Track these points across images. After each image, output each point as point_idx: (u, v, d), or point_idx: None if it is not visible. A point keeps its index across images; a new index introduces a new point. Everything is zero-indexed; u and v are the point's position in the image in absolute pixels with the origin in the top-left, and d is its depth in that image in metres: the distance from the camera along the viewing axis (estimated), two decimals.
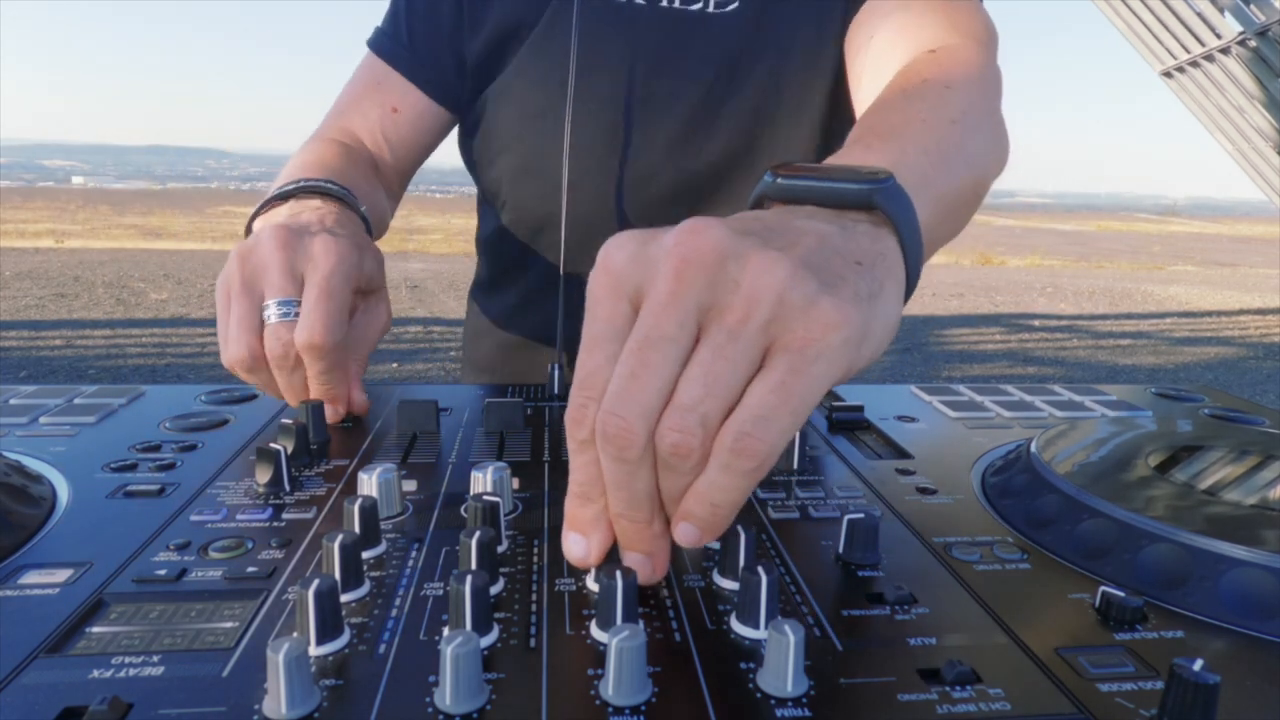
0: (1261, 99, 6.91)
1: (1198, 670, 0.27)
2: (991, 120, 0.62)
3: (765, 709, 0.29)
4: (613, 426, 0.32)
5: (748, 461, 0.31)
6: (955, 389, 0.69)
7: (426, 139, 0.89)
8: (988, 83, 0.65)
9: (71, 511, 0.43)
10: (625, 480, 0.33)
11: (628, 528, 0.34)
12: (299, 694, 0.27)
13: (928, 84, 0.61)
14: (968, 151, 0.55)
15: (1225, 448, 0.51)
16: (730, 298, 0.32)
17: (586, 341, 0.34)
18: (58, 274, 7.46)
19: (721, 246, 0.32)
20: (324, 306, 0.54)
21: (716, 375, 0.31)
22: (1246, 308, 7.97)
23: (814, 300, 0.31)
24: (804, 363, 0.31)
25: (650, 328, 0.32)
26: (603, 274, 0.34)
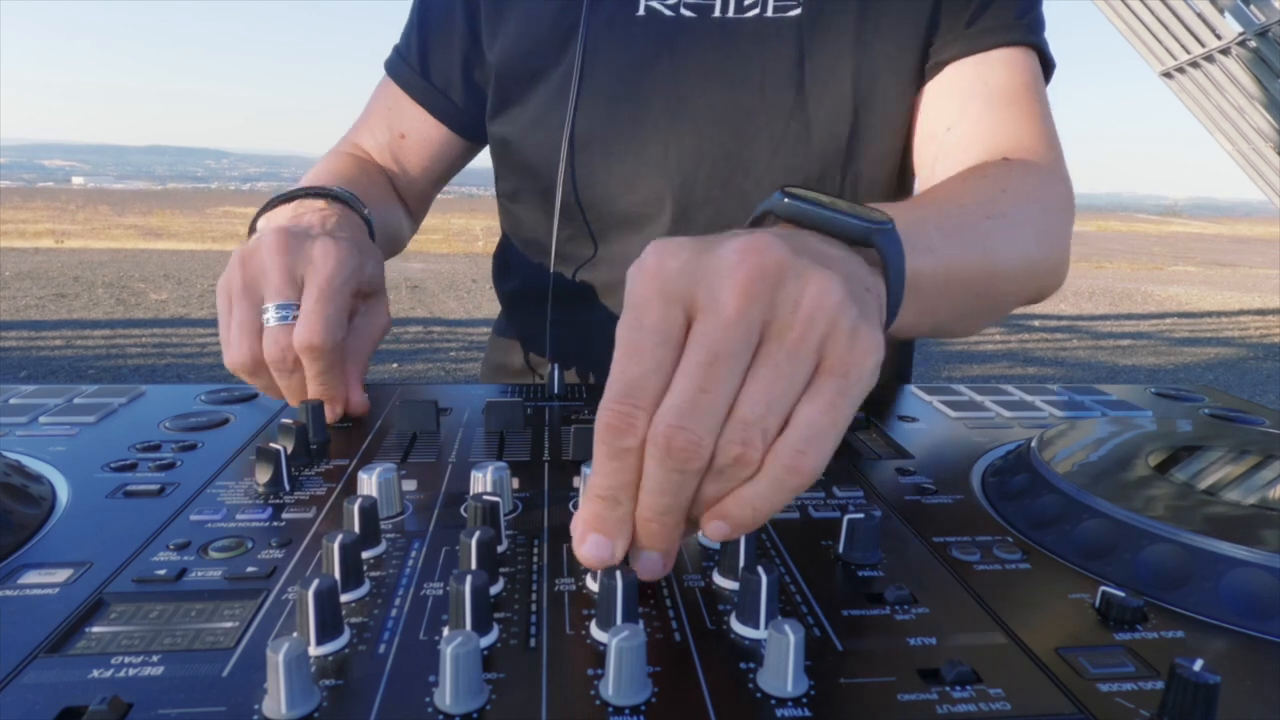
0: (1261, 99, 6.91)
1: (1198, 670, 0.27)
2: (1037, 232, 0.62)
3: (765, 709, 0.29)
4: (681, 440, 0.32)
5: (799, 479, 0.33)
6: (955, 389, 0.69)
7: (439, 166, 0.89)
8: (1053, 200, 0.66)
9: (71, 511, 0.43)
10: (675, 489, 0.33)
11: (657, 530, 0.34)
12: (299, 694, 0.27)
13: (986, 180, 0.63)
14: (992, 245, 0.56)
15: (1225, 448, 0.51)
16: (790, 316, 0.33)
17: (629, 346, 0.33)
18: (58, 274, 7.46)
19: (785, 264, 0.33)
20: (322, 309, 0.54)
21: (779, 393, 0.32)
22: (1246, 308, 7.97)
23: (857, 325, 0.33)
24: (849, 385, 0.33)
25: (719, 342, 0.32)
26: (654, 279, 0.33)
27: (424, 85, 0.85)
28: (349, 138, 0.89)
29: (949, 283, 0.51)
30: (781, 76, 0.76)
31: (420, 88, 0.85)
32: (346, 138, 0.89)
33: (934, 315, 0.54)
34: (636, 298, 0.34)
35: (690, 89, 0.77)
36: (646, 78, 0.77)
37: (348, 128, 0.91)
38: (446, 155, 0.88)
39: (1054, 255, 0.65)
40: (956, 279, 0.52)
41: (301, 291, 0.55)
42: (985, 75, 0.73)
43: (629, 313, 0.34)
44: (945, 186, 0.63)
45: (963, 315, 0.58)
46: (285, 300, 0.55)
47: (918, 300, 0.46)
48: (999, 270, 0.57)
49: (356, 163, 0.84)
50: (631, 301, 0.34)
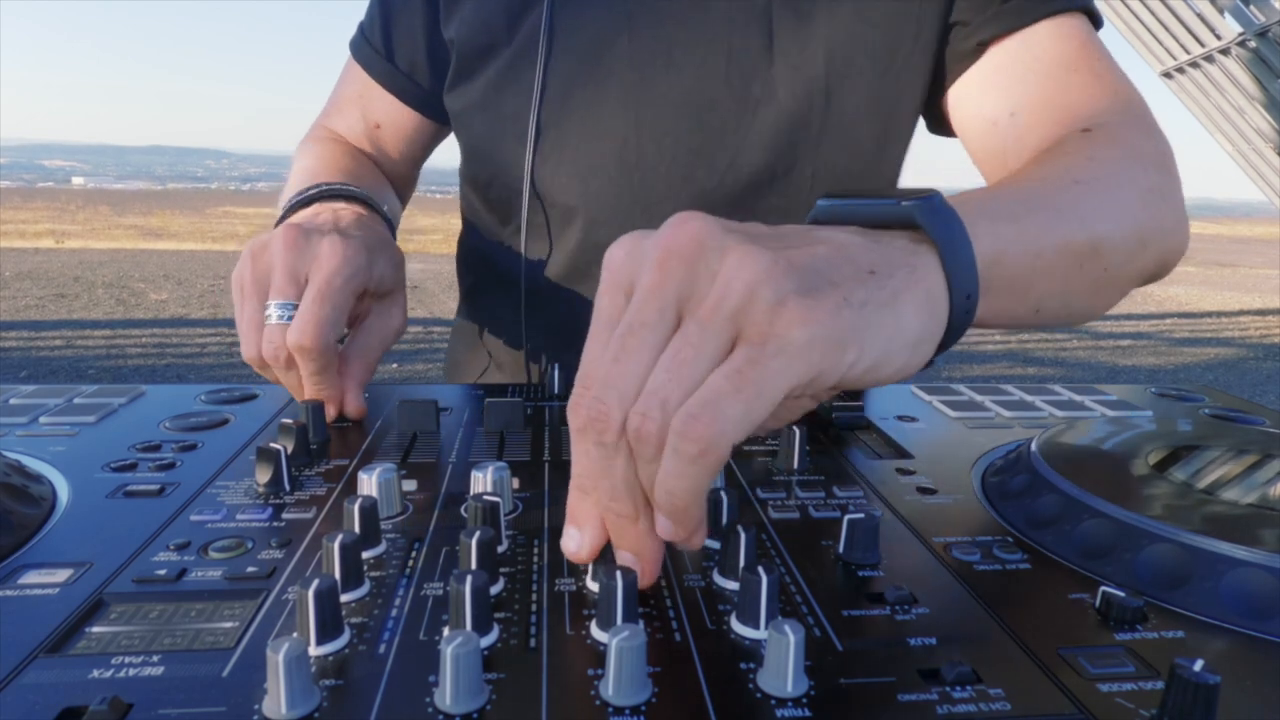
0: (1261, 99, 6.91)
1: (1198, 670, 0.27)
2: (1142, 195, 0.54)
3: (765, 709, 0.29)
4: (594, 410, 0.32)
5: (691, 445, 0.31)
6: (955, 389, 0.69)
7: (417, 148, 0.87)
8: (1149, 159, 0.58)
9: (71, 511, 0.43)
10: (606, 467, 0.33)
11: (614, 522, 0.35)
12: (299, 694, 0.27)
13: (1067, 154, 0.56)
14: (1084, 211, 0.49)
15: (1225, 448, 0.51)
16: (706, 288, 0.33)
17: (590, 335, 0.35)
18: (58, 274, 7.46)
19: (702, 238, 0.33)
20: (316, 309, 0.54)
21: (681, 361, 0.32)
22: (1246, 308, 7.97)
23: (784, 298, 0.32)
24: (763, 355, 0.31)
25: (633, 315, 0.33)
26: (605, 269, 0.35)
27: (390, 69, 0.81)
28: (323, 123, 0.86)
29: (1041, 255, 0.45)
30: (749, 62, 0.71)
31: (386, 72, 0.81)
32: (321, 123, 0.86)
33: (1033, 296, 0.46)
34: (599, 291, 0.35)
35: (652, 73, 0.71)
36: (604, 60, 0.72)
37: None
38: (422, 138, 0.87)
39: (1166, 217, 0.56)
40: (1049, 250, 0.45)
41: (302, 290, 0.55)
42: (1035, 49, 0.66)
43: (595, 306, 0.35)
44: (1024, 167, 0.56)
45: (1070, 294, 0.49)
46: (286, 299, 0.55)
47: (1006, 279, 0.43)
48: (1102, 238, 0.49)
49: (349, 152, 0.82)
50: (597, 296, 0.35)
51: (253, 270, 0.56)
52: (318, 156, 0.79)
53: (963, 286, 0.37)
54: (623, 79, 0.72)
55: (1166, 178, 0.58)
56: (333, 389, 0.57)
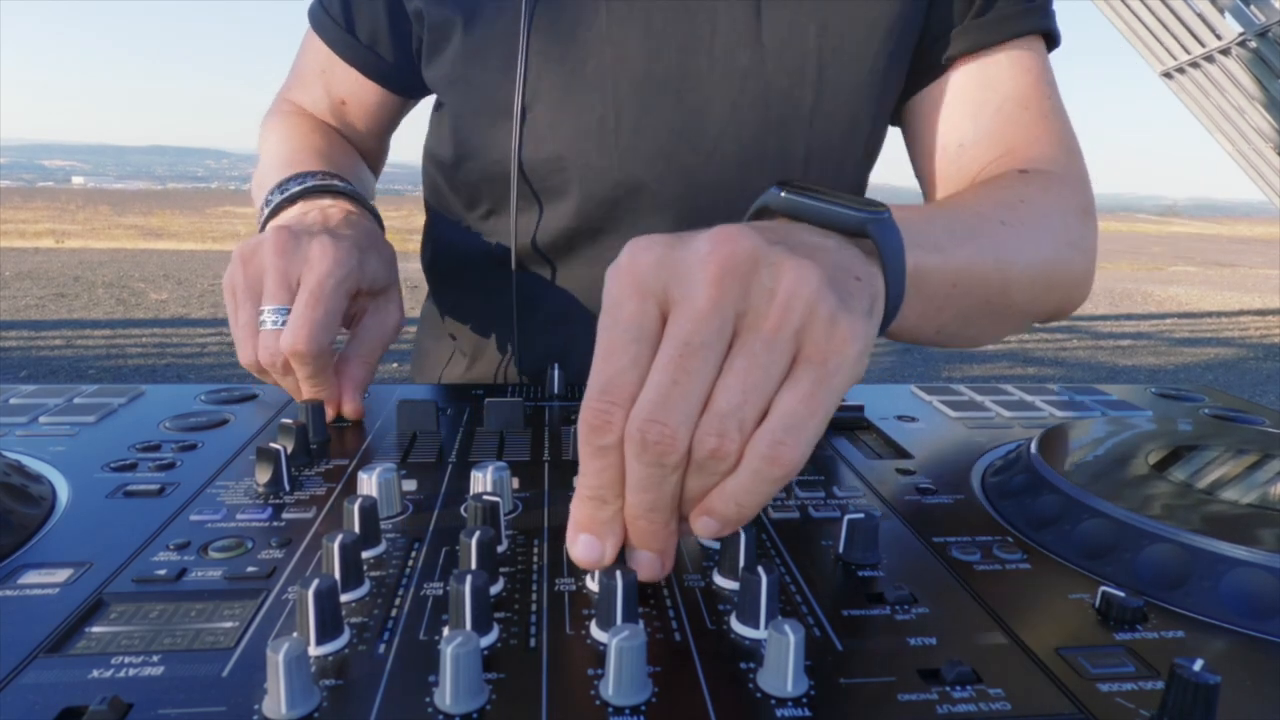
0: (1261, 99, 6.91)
1: (1198, 670, 0.27)
2: (1056, 242, 0.59)
3: (765, 709, 0.29)
4: (655, 434, 0.32)
5: (780, 469, 0.32)
6: (955, 389, 0.69)
7: (384, 122, 0.85)
8: (1069, 207, 0.62)
9: (71, 511, 0.43)
10: (656, 484, 0.33)
11: (645, 528, 0.34)
12: (299, 694, 0.27)
13: (1003, 190, 0.60)
14: (1004, 252, 0.53)
15: (1225, 448, 0.51)
16: (765, 305, 0.32)
17: (606, 344, 0.33)
18: (58, 274, 7.46)
19: (757, 254, 0.33)
20: (309, 314, 0.54)
21: (754, 383, 0.32)
22: (1246, 308, 7.97)
23: (836, 313, 0.33)
24: (828, 374, 0.32)
25: (691, 333, 0.32)
26: (628, 275, 0.33)
27: (350, 42, 0.77)
28: (287, 96, 0.83)
29: (956, 284, 0.49)
30: (735, 34, 0.67)
31: (347, 45, 0.78)
32: (284, 95, 0.83)
33: (940, 319, 0.51)
34: (612, 296, 0.34)
35: (630, 46, 0.68)
36: (579, 33, 0.68)
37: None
38: (388, 112, 0.84)
39: (1076, 265, 0.61)
40: (965, 281, 0.50)
41: (295, 294, 0.55)
42: (994, 80, 0.69)
43: (605, 312, 0.34)
44: (960, 194, 0.61)
45: (970, 321, 0.55)
46: (279, 304, 0.55)
47: (922, 300, 0.46)
48: (1012, 277, 0.54)
49: (319, 130, 0.79)
50: (608, 301, 0.34)
51: (244, 275, 0.56)
52: (288, 138, 0.76)
53: (895, 301, 0.39)
54: (600, 53, 0.68)
55: (1084, 231, 0.63)
56: (330, 391, 0.57)
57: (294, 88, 0.84)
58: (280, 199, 0.66)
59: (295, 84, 0.84)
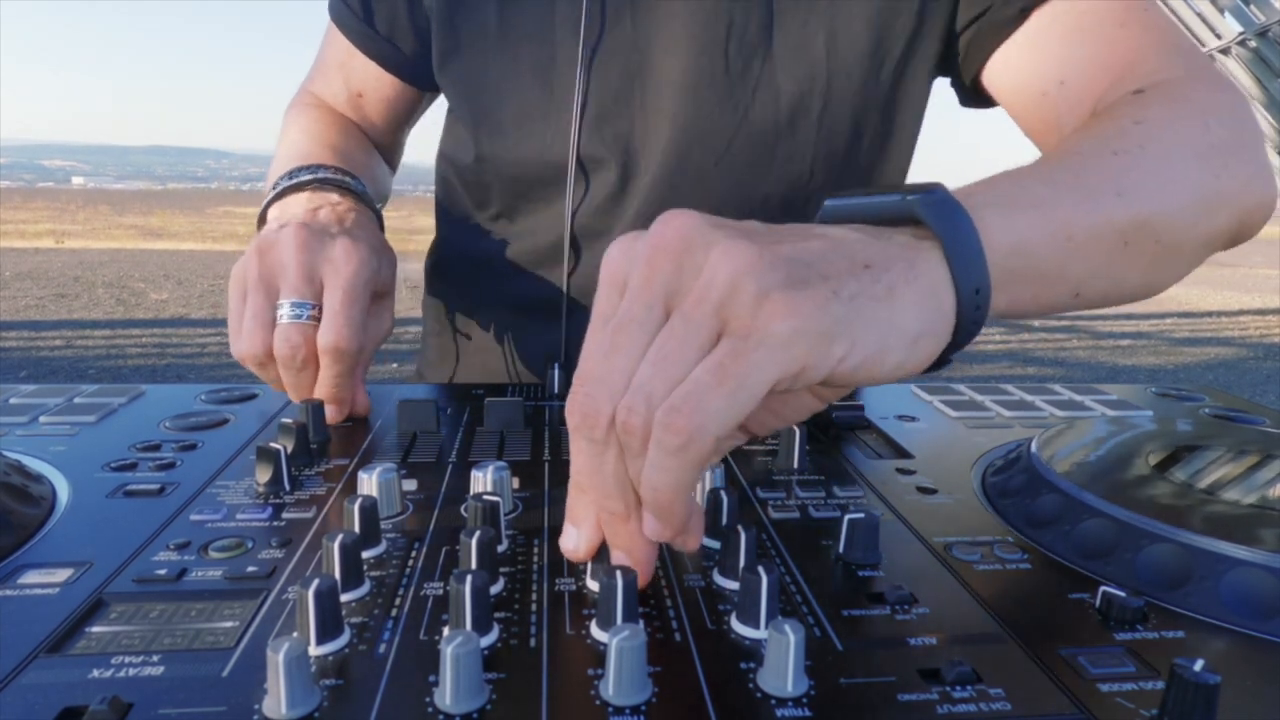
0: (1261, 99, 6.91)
1: (1198, 670, 0.27)
2: (1201, 155, 0.50)
3: (765, 709, 0.29)
4: (585, 406, 0.33)
5: (673, 437, 0.31)
6: (955, 389, 0.69)
7: (402, 115, 0.85)
8: (1211, 112, 0.53)
9: (71, 511, 0.43)
10: (596, 463, 0.34)
11: (607, 520, 0.35)
12: (299, 694, 0.27)
13: (1113, 119, 0.52)
14: (1123, 184, 0.46)
15: (1225, 447, 0.51)
16: (691, 282, 0.33)
17: (588, 333, 0.35)
18: (58, 274, 7.46)
19: (689, 234, 0.33)
20: (347, 311, 0.55)
21: (665, 355, 0.32)
22: (1246, 308, 7.97)
23: (767, 290, 0.31)
24: (745, 347, 0.31)
25: (622, 312, 0.33)
26: (605, 266, 0.35)
27: (368, 33, 0.78)
28: (309, 88, 0.84)
29: (1072, 239, 0.42)
30: (749, 37, 0.69)
31: (365, 36, 0.78)
32: (307, 88, 0.85)
33: (1070, 280, 0.44)
34: (598, 290, 0.35)
35: (652, 52, 0.69)
36: (606, 40, 0.70)
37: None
38: (405, 105, 0.85)
39: (1237, 173, 0.51)
40: (1082, 233, 0.43)
41: (317, 290, 0.56)
42: (1079, 8, 0.63)
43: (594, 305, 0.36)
44: (1065, 141, 0.52)
45: (1117, 274, 0.46)
46: (301, 298, 0.55)
47: (1031, 267, 0.41)
48: (1148, 212, 0.46)
49: (337, 124, 0.80)
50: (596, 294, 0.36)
51: (259, 266, 0.56)
52: (305, 129, 0.77)
53: (970, 280, 0.36)
54: (627, 58, 0.70)
55: (1234, 130, 0.53)
56: (350, 390, 0.57)
57: (315, 79, 0.85)
58: (287, 184, 0.66)
59: (317, 76, 0.84)
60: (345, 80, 0.82)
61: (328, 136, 0.77)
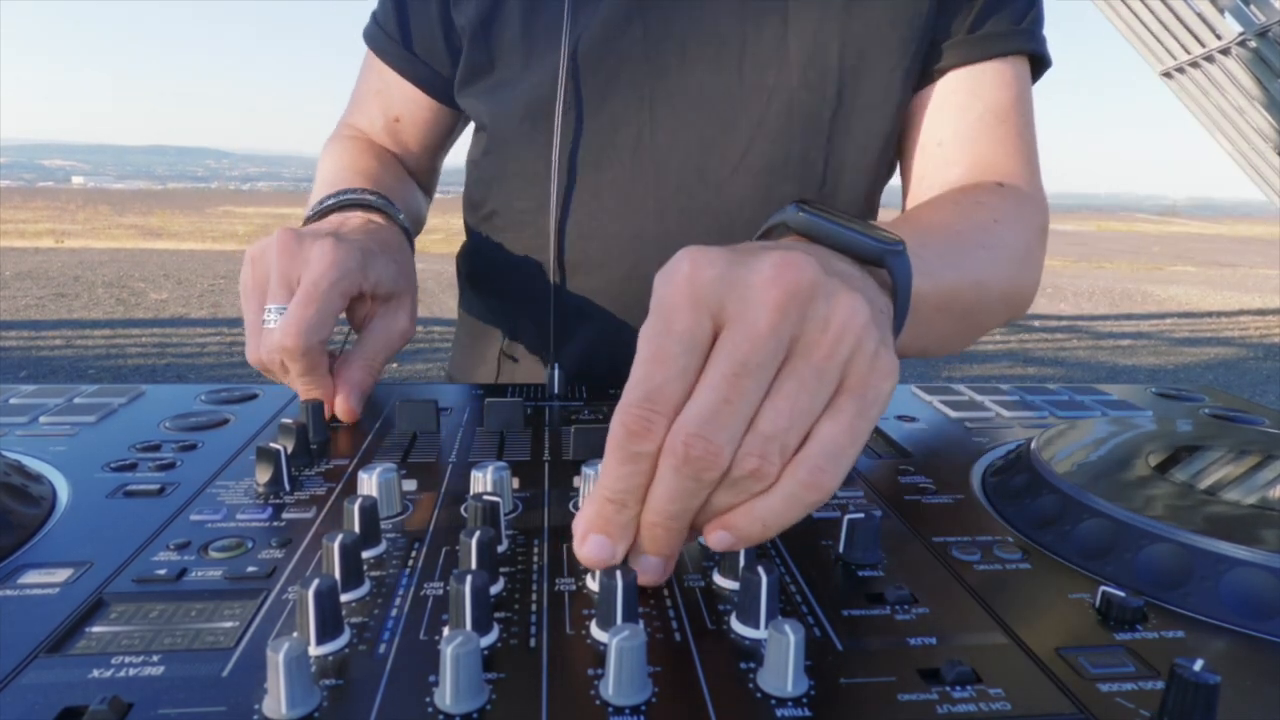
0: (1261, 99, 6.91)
1: (1198, 670, 0.27)
2: (1020, 260, 0.65)
3: (765, 709, 0.29)
4: (699, 449, 0.32)
5: (816, 494, 0.33)
6: (955, 389, 0.69)
7: (439, 137, 0.87)
8: (1033, 223, 0.68)
9: (71, 511, 0.43)
10: (688, 497, 0.33)
11: (661, 535, 0.34)
12: (299, 694, 0.27)
13: (979, 207, 0.65)
14: (982, 274, 0.59)
15: (1225, 448, 0.51)
16: (819, 334, 0.33)
17: (654, 351, 0.33)
18: (58, 274, 7.46)
19: (818, 283, 0.33)
20: (299, 312, 0.54)
21: (801, 409, 0.33)
22: (1246, 308, 7.97)
23: (879, 348, 0.34)
24: (867, 406, 0.34)
25: (749, 354, 0.32)
26: (686, 285, 0.33)
27: (407, 57, 0.80)
28: (347, 121, 0.87)
29: (940, 308, 0.53)
30: (763, 50, 0.71)
31: (404, 59, 0.80)
32: (345, 120, 0.87)
33: (924, 339, 0.55)
34: (665, 303, 0.33)
35: (665, 63, 0.72)
36: (617, 48, 0.72)
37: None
38: (443, 128, 0.86)
39: (1031, 281, 0.68)
40: (949, 304, 0.54)
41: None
42: (979, 89, 0.73)
43: (655, 318, 0.33)
44: (939, 209, 0.65)
45: (947, 338, 0.61)
46: (280, 303, 0.55)
47: (914, 323, 0.46)
48: (985, 297, 0.60)
49: (371, 151, 0.82)
50: (659, 307, 0.34)
51: (252, 276, 0.57)
52: (338, 159, 0.79)
53: (896, 331, 0.40)
54: (635, 69, 0.72)
55: (1041, 248, 0.70)
56: (323, 389, 0.57)
57: (353, 111, 0.87)
58: (311, 214, 0.68)
59: (353, 108, 0.87)
60: (383, 108, 0.84)
61: (359, 164, 0.78)
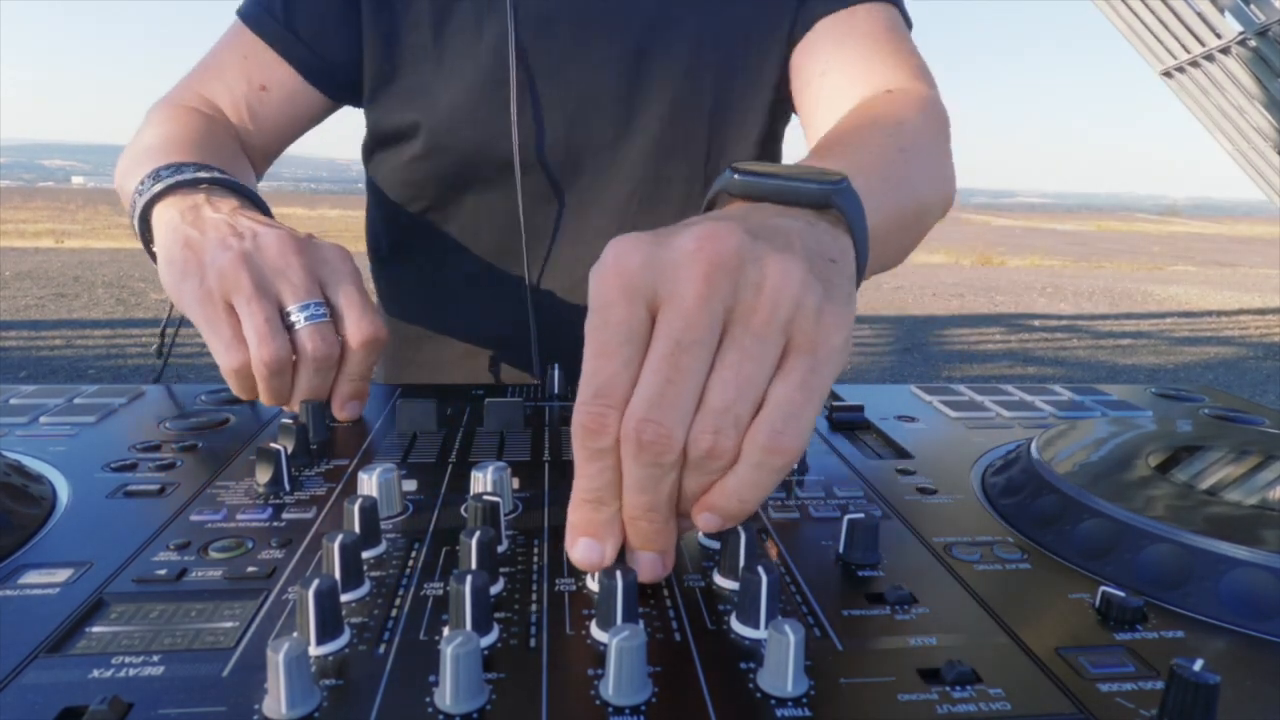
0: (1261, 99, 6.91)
1: (1198, 670, 0.27)
2: (938, 157, 0.68)
3: (765, 709, 0.29)
4: (650, 433, 0.32)
5: (781, 458, 0.32)
6: (955, 389, 0.69)
7: (298, 125, 0.84)
8: (938, 121, 0.70)
9: (71, 511, 0.43)
10: (653, 484, 0.33)
11: (645, 529, 0.34)
12: (299, 694, 0.27)
13: (883, 116, 0.66)
14: (913, 180, 0.60)
15: (1225, 448, 0.51)
16: (754, 300, 0.33)
17: (598, 347, 0.33)
18: (58, 274, 7.46)
19: (743, 249, 0.33)
20: (369, 304, 0.57)
21: (747, 377, 0.32)
22: (1246, 308, 7.97)
23: (822, 303, 0.33)
24: (819, 363, 0.33)
25: (682, 332, 0.32)
26: (615, 276, 0.33)
27: (288, 37, 0.78)
28: (193, 87, 0.80)
29: (888, 229, 0.53)
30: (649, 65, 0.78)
31: (284, 39, 0.78)
32: (190, 86, 0.80)
33: (880, 261, 0.56)
34: (599, 298, 0.33)
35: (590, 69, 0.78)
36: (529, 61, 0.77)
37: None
38: (308, 112, 0.83)
39: (951, 171, 0.70)
40: (893, 223, 0.55)
41: (320, 293, 0.56)
42: (849, 24, 0.77)
43: (594, 313, 0.34)
44: (849, 128, 0.65)
45: (894, 252, 0.62)
46: (307, 300, 0.55)
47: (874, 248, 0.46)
48: (925, 202, 0.62)
49: (208, 125, 0.76)
50: (596, 302, 0.34)
51: (250, 277, 0.53)
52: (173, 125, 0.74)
53: (863, 268, 0.40)
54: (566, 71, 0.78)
55: (947, 137, 0.71)
56: (367, 385, 0.59)
57: (203, 78, 0.80)
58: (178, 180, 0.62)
59: (206, 74, 0.80)
60: (248, 75, 0.79)
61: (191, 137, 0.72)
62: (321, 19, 0.78)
